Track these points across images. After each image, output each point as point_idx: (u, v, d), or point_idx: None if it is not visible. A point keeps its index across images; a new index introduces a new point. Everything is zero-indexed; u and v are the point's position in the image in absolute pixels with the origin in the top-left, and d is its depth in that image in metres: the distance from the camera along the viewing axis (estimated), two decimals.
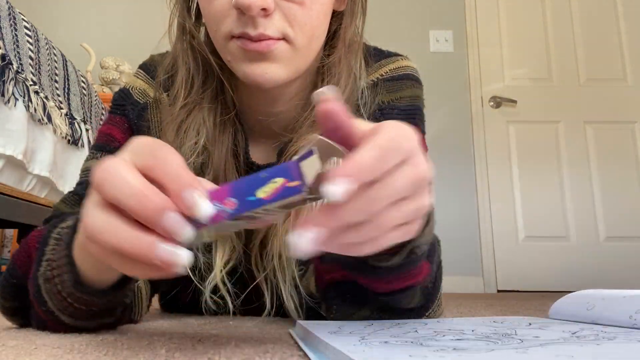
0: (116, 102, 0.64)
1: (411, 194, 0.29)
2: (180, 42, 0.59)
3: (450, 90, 2.70)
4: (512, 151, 2.63)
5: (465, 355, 0.26)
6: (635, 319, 0.41)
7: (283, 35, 0.49)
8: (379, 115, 0.61)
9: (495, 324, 0.44)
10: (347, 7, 0.58)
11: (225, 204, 0.28)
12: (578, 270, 2.47)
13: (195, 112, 0.57)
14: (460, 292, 2.45)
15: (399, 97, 0.62)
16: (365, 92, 0.61)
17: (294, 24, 0.49)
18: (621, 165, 2.58)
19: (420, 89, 0.65)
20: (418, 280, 0.44)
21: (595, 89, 2.66)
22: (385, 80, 0.63)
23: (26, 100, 1.25)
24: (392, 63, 0.65)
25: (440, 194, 2.58)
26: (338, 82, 0.57)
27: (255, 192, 0.28)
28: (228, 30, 0.49)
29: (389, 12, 2.76)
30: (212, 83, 0.58)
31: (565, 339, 0.33)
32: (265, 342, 0.40)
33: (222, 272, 0.56)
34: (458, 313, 0.91)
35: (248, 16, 0.47)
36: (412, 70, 0.65)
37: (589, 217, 2.53)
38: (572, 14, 2.75)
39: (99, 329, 0.45)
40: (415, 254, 0.40)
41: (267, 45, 0.48)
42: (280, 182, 0.28)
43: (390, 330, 0.39)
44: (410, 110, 0.62)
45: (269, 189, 0.28)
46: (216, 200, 0.28)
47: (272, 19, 0.48)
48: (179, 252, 0.27)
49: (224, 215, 0.28)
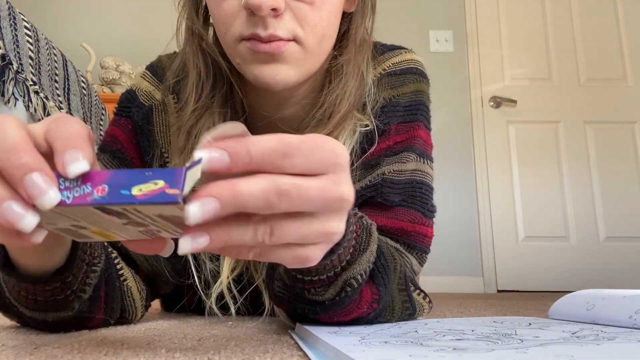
0: (122, 103, 0.64)
1: (319, 212, 0.26)
2: (190, 45, 0.58)
3: (450, 90, 2.69)
4: (512, 151, 2.63)
5: (465, 355, 0.26)
6: (635, 319, 0.41)
7: (293, 36, 0.48)
8: (380, 113, 0.60)
9: (495, 324, 0.44)
10: (357, 8, 0.57)
11: (96, 189, 0.25)
12: (578, 270, 2.47)
13: (205, 117, 0.56)
14: (460, 292, 2.45)
15: (401, 93, 0.61)
16: (372, 89, 0.60)
17: (304, 24, 0.48)
18: (621, 165, 2.58)
19: (424, 83, 0.64)
20: (362, 310, 0.42)
21: (595, 89, 2.66)
22: (389, 74, 0.62)
23: (26, 100, 1.25)
24: (396, 57, 0.64)
25: (440, 194, 2.57)
26: (347, 82, 0.56)
27: (132, 187, 0.25)
28: (238, 32, 0.48)
29: (389, 12, 2.75)
30: (222, 87, 0.57)
31: (565, 339, 0.33)
32: (265, 342, 0.40)
33: (228, 279, 0.56)
34: (458, 313, 0.91)
35: (258, 17, 0.46)
36: (415, 64, 0.64)
37: (589, 217, 2.53)
38: (572, 14, 2.75)
39: (67, 324, 0.44)
40: (352, 286, 0.38)
41: (277, 47, 0.47)
42: (160, 185, 0.24)
43: (390, 330, 0.39)
44: (413, 106, 0.61)
45: (147, 189, 0.24)
46: (90, 182, 0.25)
47: (282, 20, 0.47)
48: (26, 216, 0.24)
49: (88, 200, 0.25)
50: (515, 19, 2.75)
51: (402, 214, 0.57)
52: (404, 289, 0.48)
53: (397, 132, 0.60)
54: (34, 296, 0.40)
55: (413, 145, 0.60)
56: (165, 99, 0.62)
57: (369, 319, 0.45)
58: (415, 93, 0.62)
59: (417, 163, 0.60)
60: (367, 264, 0.40)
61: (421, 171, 0.60)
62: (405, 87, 0.62)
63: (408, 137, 0.60)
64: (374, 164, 0.58)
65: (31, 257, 0.38)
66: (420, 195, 0.59)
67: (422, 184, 0.59)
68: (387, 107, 0.60)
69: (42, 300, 0.41)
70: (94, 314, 0.46)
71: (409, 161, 0.59)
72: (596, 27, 2.73)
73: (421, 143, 0.61)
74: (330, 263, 0.36)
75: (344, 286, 0.39)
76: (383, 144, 0.59)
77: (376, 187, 0.57)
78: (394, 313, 0.47)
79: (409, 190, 0.58)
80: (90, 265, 0.42)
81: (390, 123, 0.60)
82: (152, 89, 0.63)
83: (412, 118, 0.61)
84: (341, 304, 0.40)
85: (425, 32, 2.75)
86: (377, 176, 0.58)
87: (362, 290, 0.42)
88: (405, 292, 0.48)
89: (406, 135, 0.60)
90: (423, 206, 0.58)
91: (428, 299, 0.54)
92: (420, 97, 0.62)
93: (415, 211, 0.57)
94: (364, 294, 0.42)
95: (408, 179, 0.58)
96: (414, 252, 0.57)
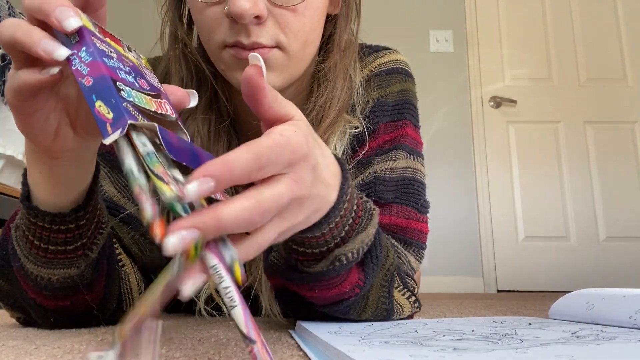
0: None
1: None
2: (173, 50, 0.57)
3: (450, 90, 2.70)
4: (512, 151, 2.63)
5: (465, 355, 0.26)
6: (635, 318, 0.41)
7: (276, 43, 0.48)
8: (370, 113, 0.61)
9: (495, 324, 0.44)
10: (341, 11, 0.57)
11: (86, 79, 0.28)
12: (578, 270, 2.47)
13: (189, 122, 0.56)
14: (460, 292, 2.45)
15: (388, 92, 0.62)
16: (360, 91, 0.61)
17: (287, 31, 0.48)
18: (621, 165, 2.58)
19: (410, 82, 0.65)
20: (344, 290, 0.42)
21: (595, 89, 2.66)
22: (376, 75, 0.63)
23: None
24: (381, 57, 0.64)
25: (441, 194, 2.58)
26: (334, 86, 0.56)
27: (96, 100, 0.27)
28: (221, 39, 0.48)
29: (389, 12, 2.76)
30: (205, 91, 0.57)
31: (565, 339, 0.33)
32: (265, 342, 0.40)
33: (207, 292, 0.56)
34: (458, 313, 0.91)
35: (241, 25, 0.46)
36: (401, 64, 0.65)
37: (589, 217, 2.53)
38: (572, 14, 2.75)
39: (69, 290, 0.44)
40: (341, 261, 0.39)
41: (261, 54, 0.47)
42: (109, 116, 0.27)
43: (390, 330, 0.39)
44: (400, 105, 0.62)
45: (102, 110, 0.27)
46: (89, 68, 0.28)
47: (265, 27, 0.47)
48: (60, 48, 0.29)
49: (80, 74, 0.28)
50: (515, 19, 2.75)
51: (397, 210, 0.58)
52: (386, 286, 0.48)
53: (385, 131, 0.61)
54: (47, 244, 0.41)
55: (402, 144, 0.61)
56: None
57: (344, 307, 0.44)
58: (402, 92, 0.63)
59: (407, 160, 0.61)
60: (360, 245, 0.40)
61: (412, 168, 0.61)
62: (392, 87, 0.63)
63: (397, 136, 0.61)
64: (365, 163, 0.59)
65: (52, 190, 0.39)
66: (413, 192, 0.59)
67: (414, 180, 0.60)
68: (376, 107, 0.61)
69: (53, 251, 0.42)
70: (95, 284, 0.47)
71: (399, 159, 0.60)
72: (596, 27, 2.73)
73: (410, 141, 0.62)
74: (323, 237, 0.37)
75: (333, 261, 0.39)
76: (373, 143, 0.60)
77: (369, 186, 0.58)
78: (367, 305, 0.47)
79: (401, 188, 0.59)
80: (99, 224, 0.44)
81: (379, 122, 0.61)
82: None
83: (399, 117, 0.62)
84: (326, 275, 0.40)
85: (425, 32, 2.75)
86: (370, 175, 0.59)
87: (351, 271, 0.42)
88: (386, 288, 0.48)
89: (395, 134, 0.61)
90: (416, 202, 0.59)
91: (414, 298, 0.53)
92: (406, 96, 0.63)
93: (409, 207, 0.58)
94: (352, 275, 0.42)
95: (400, 177, 0.59)
96: (411, 249, 0.58)
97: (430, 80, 2.67)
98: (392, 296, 0.49)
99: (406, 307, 0.52)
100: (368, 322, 0.47)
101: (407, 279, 0.54)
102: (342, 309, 0.45)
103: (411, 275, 0.57)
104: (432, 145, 2.61)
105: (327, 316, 0.46)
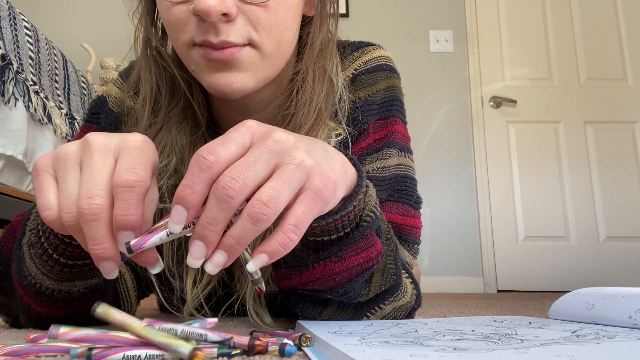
0: (91, 110, 0.63)
1: None
2: (145, 57, 0.55)
3: (450, 90, 2.70)
4: (512, 151, 2.63)
5: (465, 355, 0.26)
6: (635, 318, 0.41)
7: (248, 41, 0.46)
8: (357, 112, 0.60)
9: (495, 323, 0.44)
10: (316, 11, 0.55)
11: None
12: (578, 270, 2.47)
13: (163, 133, 0.54)
14: (460, 292, 2.45)
15: (375, 90, 0.61)
16: (343, 93, 0.59)
17: (259, 28, 0.46)
18: (621, 165, 2.58)
19: (395, 78, 0.64)
20: (371, 256, 0.42)
21: (595, 89, 2.66)
22: (361, 73, 0.62)
23: (26, 100, 1.25)
24: (365, 55, 0.63)
25: (441, 194, 2.58)
26: (312, 89, 0.54)
27: None
28: (189, 38, 0.46)
29: (389, 12, 2.76)
30: (179, 100, 0.55)
31: (565, 339, 0.33)
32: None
33: (198, 299, 0.54)
34: (458, 313, 0.91)
35: (209, 23, 0.44)
36: (385, 60, 0.64)
37: (589, 217, 2.54)
38: (572, 14, 2.75)
39: (82, 300, 0.45)
40: (366, 221, 0.41)
41: (231, 53, 0.45)
42: None
43: (390, 330, 0.39)
44: (387, 102, 0.62)
45: None
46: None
47: (235, 25, 0.45)
48: (113, 270, 0.33)
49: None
50: (515, 19, 2.75)
51: (391, 208, 0.57)
52: (391, 255, 0.47)
53: (375, 129, 0.60)
54: (74, 260, 0.42)
55: (393, 141, 0.60)
56: (133, 106, 0.61)
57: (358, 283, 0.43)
58: (388, 89, 0.62)
59: (399, 157, 0.60)
60: (373, 205, 0.42)
61: (404, 165, 0.61)
62: (378, 85, 0.62)
63: (387, 134, 0.60)
64: None
65: None
66: (406, 189, 0.59)
67: (406, 177, 0.60)
68: (364, 106, 0.60)
69: (80, 265, 0.42)
70: (109, 287, 0.48)
71: (391, 157, 0.60)
72: (596, 27, 2.73)
73: (400, 137, 0.62)
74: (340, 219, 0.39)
75: (359, 222, 0.41)
76: (363, 143, 0.59)
77: None
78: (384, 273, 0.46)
79: (394, 185, 0.59)
80: None
81: (367, 122, 0.60)
82: (122, 95, 0.62)
83: (387, 114, 0.61)
84: (358, 236, 0.41)
85: (425, 32, 2.76)
86: None
87: (376, 240, 0.43)
88: (392, 256, 0.47)
89: (384, 132, 0.61)
90: (410, 199, 0.59)
91: (414, 286, 0.52)
92: (393, 92, 0.63)
93: (403, 204, 0.58)
94: (377, 242, 0.43)
95: (393, 174, 0.59)
96: (406, 245, 0.58)
97: (430, 80, 2.67)
98: (398, 262, 0.48)
99: (408, 288, 0.50)
100: (368, 322, 0.47)
101: (405, 265, 0.53)
102: (356, 287, 0.43)
103: (410, 264, 0.57)
104: (432, 145, 2.61)
105: (332, 316, 0.46)
